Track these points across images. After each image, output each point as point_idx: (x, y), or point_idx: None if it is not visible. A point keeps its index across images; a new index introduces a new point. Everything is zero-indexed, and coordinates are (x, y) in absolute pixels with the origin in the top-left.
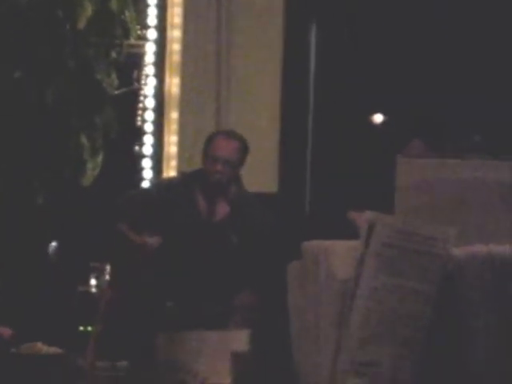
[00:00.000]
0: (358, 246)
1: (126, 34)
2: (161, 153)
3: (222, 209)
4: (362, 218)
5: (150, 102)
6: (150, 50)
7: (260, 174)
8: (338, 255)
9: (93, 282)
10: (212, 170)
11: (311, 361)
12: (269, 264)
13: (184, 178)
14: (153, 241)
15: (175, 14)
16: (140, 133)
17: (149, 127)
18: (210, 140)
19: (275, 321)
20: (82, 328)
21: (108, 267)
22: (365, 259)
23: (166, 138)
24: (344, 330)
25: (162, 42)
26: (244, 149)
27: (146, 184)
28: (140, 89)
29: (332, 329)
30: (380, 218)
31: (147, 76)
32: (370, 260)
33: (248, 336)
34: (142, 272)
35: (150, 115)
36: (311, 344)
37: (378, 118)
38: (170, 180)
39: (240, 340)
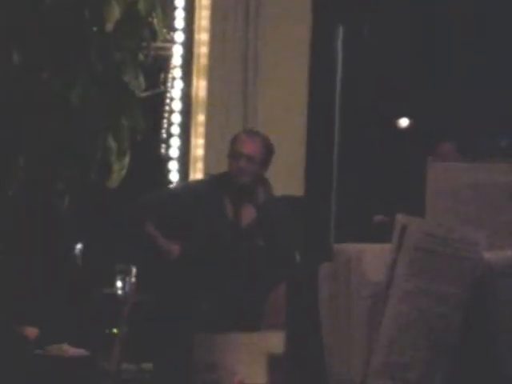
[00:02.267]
0: (389, 248)
1: (154, 36)
2: (187, 155)
3: (249, 212)
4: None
5: (176, 105)
6: (177, 52)
7: (286, 178)
8: (370, 258)
9: (118, 284)
10: (235, 167)
11: (343, 363)
12: (296, 266)
13: (211, 180)
14: (174, 248)
15: (203, 17)
16: (167, 135)
17: (175, 130)
18: (233, 139)
19: (306, 322)
20: (107, 330)
21: (134, 269)
22: (397, 262)
23: (192, 141)
24: (375, 333)
25: (189, 45)
26: (267, 147)
27: (171, 187)
28: (166, 91)
29: (363, 331)
30: (411, 221)
31: (174, 79)
32: (401, 263)
33: (283, 337)
34: (169, 274)
35: (176, 118)
36: (342, 346)
37: (404, 121)
38: (197, 182)
39: (276, 341)
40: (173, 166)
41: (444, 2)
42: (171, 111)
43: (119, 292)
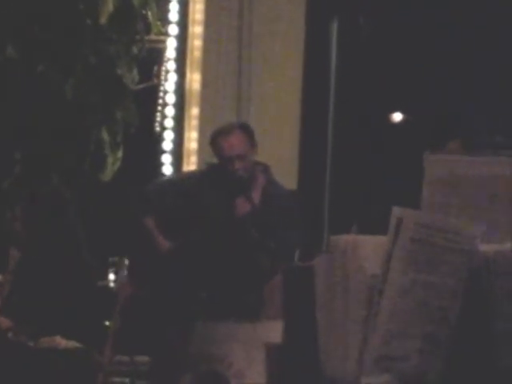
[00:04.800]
0: (386, 240)
1: (147, 29)
2: (181, 148)
3: (245, 202)
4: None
5: (170, 98)
6: (171, 45)
7: (280, 171)
8: (367, 250)
9: (111, 276)
10: (229, 169)
11: (338, 355)
12: (293, 257)
13: (207, 170)
14: (165, 245)
15: (197, 10)
16: (160, 128)
17: (169, 123)
18: (212, 143)
19: (303, 313)
20: (100, 323)
21: (127, 262)
22: (393, 254)
23: (186, 134)
24: (371, 325)
25: (183, 38)
26: (246, 131)
27: None
28: (160, 84)
29: (359, 323)
30: (408, 213)
31: (168, 72)
32: (397, 255)
33: (281, 327)
34: (165, 265)
35: (170, 111)
36: (338, 338)
37: (398, 116)
38: (193, 172)
39: (274, 331)
40: (166, 159)
41: None
42: (165, 104)
43: (112, 284)
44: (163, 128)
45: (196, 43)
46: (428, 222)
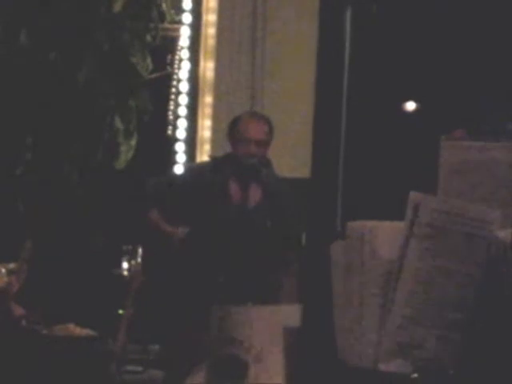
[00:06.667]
0: (402, 226)
1: (161, 17)
2: (194, 137)
3: (255, 193)
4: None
5: (184, 86)
6: (184, 33)
7: (293, 159)
8: (383, 235)
9: (125, 265)
10: (245, 153)
11: (354, 341)
12: (301, 245)
13: (215, 162)
14: (180, 231)
15: None
16: (174, 116)
17: (182, 111)
18: (236, 123)
19: (319, 301)
20: (113, 311)
21: (140, 250)
22: (409, 240)
23: (199, 123)
24: (388, 311)
25: (196, 26)
26: (271, 127)
27: (178, 168)
28: (173, 73)
29: (376, 309)
30: (425, 199)
31: (181, 60)
32: (414, 241)
33: (299, 311)
34: (175, 257)
35: (183, 99)
36: (354, 324)
37: (411, 105)
38: (202, 165)
39: (292, 314)
40: (180, 147)
41: None
42: (178, 92)
43: (125, 273)
44: (177, 116)
45: (210, 31)
46: (445, 207)
